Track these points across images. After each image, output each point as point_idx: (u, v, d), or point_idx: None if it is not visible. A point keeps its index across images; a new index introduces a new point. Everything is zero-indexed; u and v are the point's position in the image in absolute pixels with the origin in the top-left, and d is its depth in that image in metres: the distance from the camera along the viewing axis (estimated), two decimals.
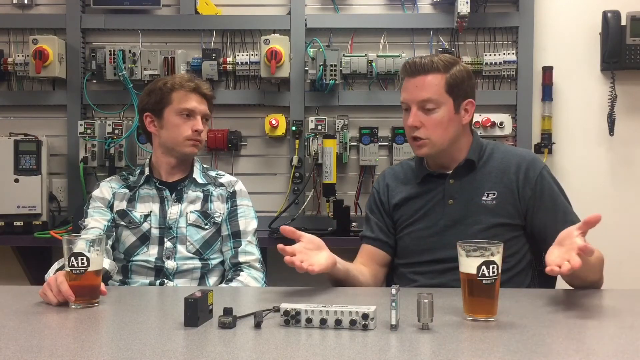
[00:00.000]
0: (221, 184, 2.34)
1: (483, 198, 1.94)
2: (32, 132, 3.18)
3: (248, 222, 2.31)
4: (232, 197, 2.32)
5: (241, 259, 2.24)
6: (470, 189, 1.96)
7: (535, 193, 1.93)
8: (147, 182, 2.32)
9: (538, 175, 1.94)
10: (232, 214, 2.30)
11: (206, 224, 2.26)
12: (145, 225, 2.24)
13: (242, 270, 2.22)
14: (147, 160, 2.38)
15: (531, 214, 1.93)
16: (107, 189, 2.32)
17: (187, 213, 2.26)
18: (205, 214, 2.27)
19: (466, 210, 1.95)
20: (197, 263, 2.23)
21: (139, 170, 2.37)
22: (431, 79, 1.92)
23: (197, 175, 2.33)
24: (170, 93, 2.28)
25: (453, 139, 1.96)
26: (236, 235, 2.28)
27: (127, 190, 2.31)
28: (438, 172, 2.01)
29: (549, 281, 1.97)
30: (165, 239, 2.23)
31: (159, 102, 2.28)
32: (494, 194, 1.94)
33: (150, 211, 2.26)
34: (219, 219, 2.28)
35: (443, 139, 1.93)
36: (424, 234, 1.99)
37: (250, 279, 2.20)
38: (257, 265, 2.26)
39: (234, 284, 2.17)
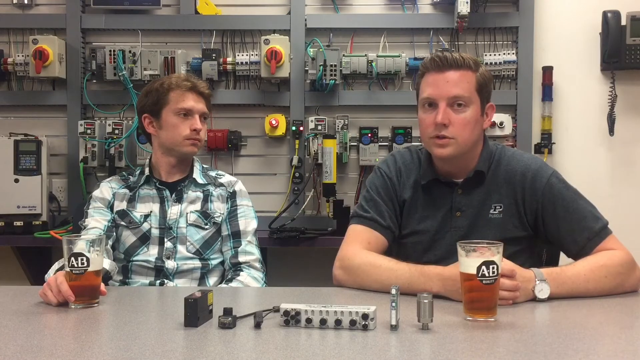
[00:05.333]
0: (221, 184, 2.34)
1: (491, 211, 1.89)
2: (32, 132, 3.18)
3: (248, 222, 2.31)
4: (232, 197, 2.32)
5: (241, 259, 2.24)
6: (478, 201, 1.90)
7: (543, 204, 1.85)
8: (147, 182, 2.32)
9: (545, 185, 1.86)
10: (232, 214, 2.30)
11: (206, 224, 2.26)
12: (146, 226, 2.24)
13: (242, 270, 2.22)
14: (147, 160, 2.38)
15: (543, 225, 1.87)
16: (107, 189, 2.32)
17: (187, 213, 2.26)
18: (205, 214, 2.27)
19: (474, 225, 1.88)
20: (197, 263, 2.23)
21: (139, 171, 2.38)
22: (462, 76, 1.83)
23: (197, 175, 2.33)
24: (167, 93, 2.28)
25: (475, 142, 1.88)
26: (236, 235, 2.28)
27: (127, 191, 2.31)
28: (446, 179, 1.93)
29: None
30: (166, 239, 2.23)
31: (156, 103, 2.28)
32: (501, 207, 1.88)
33: (151, 211, 2.26)
34: (219, 219, 2.28)
35: (468, 140, 1.85)
36: (428, 246, 1.93)
37: (250, 279, 2.20)
38: (257, 265, 2.26)
39: (233, 284, 2.17)
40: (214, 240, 2.28)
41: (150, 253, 2.22)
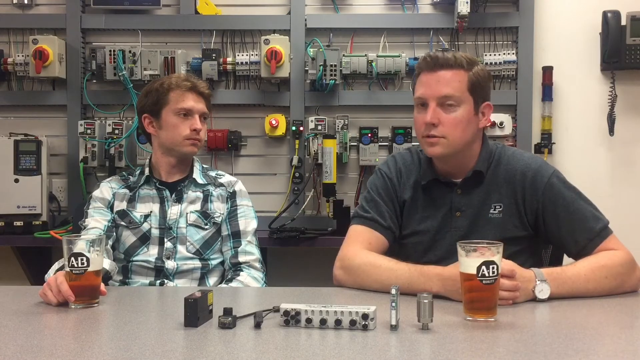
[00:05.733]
0: (221, 184, 2.34)
1: (490, 211, 1.88)
2: (32, 132, 3.18)
3: (248, 222, 2.31)
4: (232, 197, 2.32)
5: (241, 259, 2.24)
6: (478, 201, 1.89)
7: (544, 203, 1.85)
8: (147, 182, 2.32)
9: (546, 185, 1.85)
10: (232, 214, 2.30)
11: (206, 224, 2.26)
12: (146, 226, 2.24)
13: (242, 270, 2.22)
14: (147, 160, 2.38)
15: (543, 224, 1.86)
16: (107, 189, 2.32)
17: (187, 213, 2.26)
18: (205, 214, 2.27)
19: (474, 225, 1.88)
20: (197, 263, 2.23)
21: (139, 171, 2.38)
22: (454, 75, 1.83)
23: (197, 175, 2.33)
24: (167, 93, 2.28)
25: (469, 142, 1.87)
26: (236, 235, 2.28)
27: (127, 191, 2.31)
28: (445, 179, 1.93)
29: None
30: (166, 239, 2.23)
31: (156, 103, 2.28)
32: (500, 207, 1.88)
33: (151, 211, 2.26)
34: (219, 219, 2.28)
35: (460, 139, 1.84)
36: (428, 246, 1.93)
37: (250, 279, 2.20)
38: (257, 265, 2.26)
39: (233, 284, 2.17)
40: (214, 241, 2.28)
41: (150, 253, 2.22)
